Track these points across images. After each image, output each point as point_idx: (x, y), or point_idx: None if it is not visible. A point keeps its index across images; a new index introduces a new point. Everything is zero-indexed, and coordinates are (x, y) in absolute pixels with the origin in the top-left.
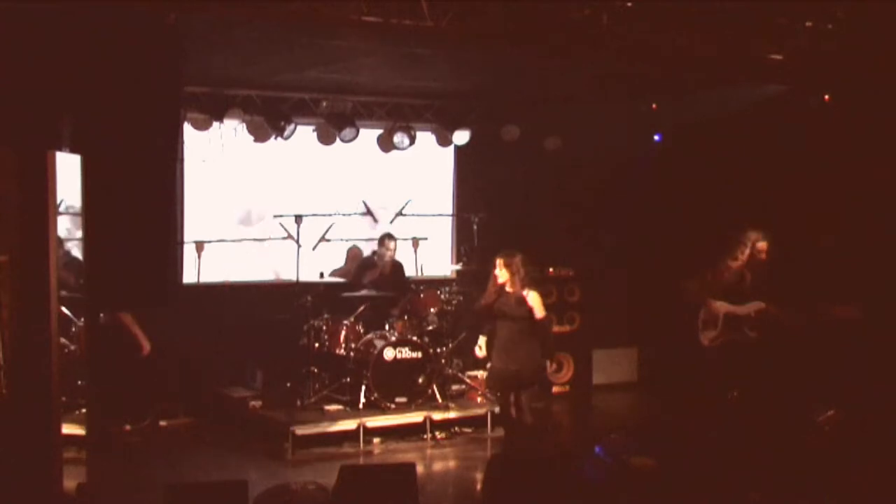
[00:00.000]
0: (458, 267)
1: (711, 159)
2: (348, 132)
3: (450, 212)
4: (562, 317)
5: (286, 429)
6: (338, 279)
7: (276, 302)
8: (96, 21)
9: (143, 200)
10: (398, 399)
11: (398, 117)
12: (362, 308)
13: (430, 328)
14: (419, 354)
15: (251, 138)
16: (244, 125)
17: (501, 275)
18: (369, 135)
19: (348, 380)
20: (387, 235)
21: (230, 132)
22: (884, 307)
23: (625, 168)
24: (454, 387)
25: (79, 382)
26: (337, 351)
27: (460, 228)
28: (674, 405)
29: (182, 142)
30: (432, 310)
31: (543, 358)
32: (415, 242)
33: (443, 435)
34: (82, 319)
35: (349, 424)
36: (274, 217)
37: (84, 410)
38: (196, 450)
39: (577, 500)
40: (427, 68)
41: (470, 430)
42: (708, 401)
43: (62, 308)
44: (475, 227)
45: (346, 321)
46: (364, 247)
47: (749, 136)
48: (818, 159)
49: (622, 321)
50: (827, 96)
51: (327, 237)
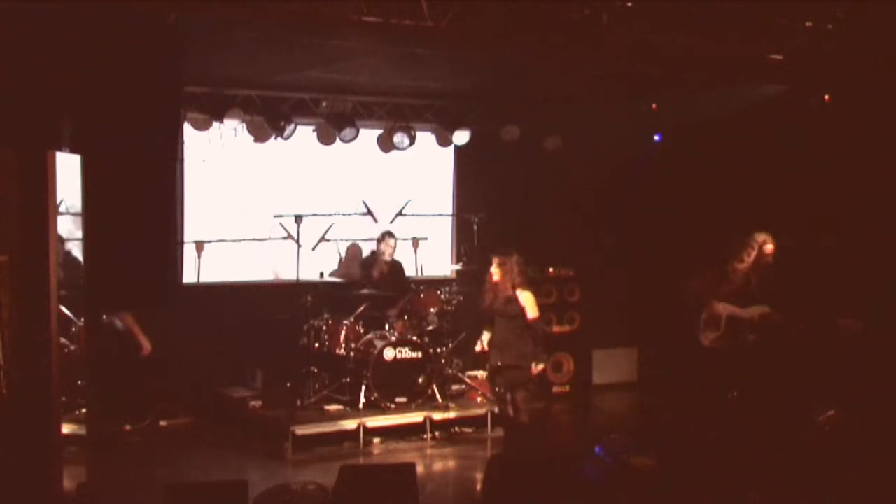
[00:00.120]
0: (458, 267)
1: (711, 159)
2: (348, 132)
3: (450, 212)
4: (562, 317)
5: (286, 429)
6: (338, 279)
7: (276, 302)
8: (96, 21)
9: (143, 200)
10: (398, 399)
11: (398, 117)
12: (362, 308)
13: (430, 328)
14: (419, 354)
15: (251, 138)
16: (244, 125)
17: (496, 273)
18: (369, 135)
19: (348, 380)
20: (386, 233)
21: (230, 132)
22: (884, 307)
23: (625, 168)
24: (454, 387)
25: (79, 382)
26: (337, 351)
27: (460, 228)
28: (674, 405)
29: (182, 142)
30: (432, 310)
31: (533, 359)
32: (415, 242)
33: (443, 435)
34: (82, 319)
35: (349, 424)
36: (274, 217)
37: (84, 410)
38: (196, 450)
39: (577, 500)
40: (427, 68)
41: (470, 430)
42: (708, 401)
43: (62, 308)
44: (475, 227)
45: (346, 321)
46: (363, 246)
47: (749, 137)
48: (818, 159)
49: (622, 321)
50: (827, 96)
51: (327, 237)
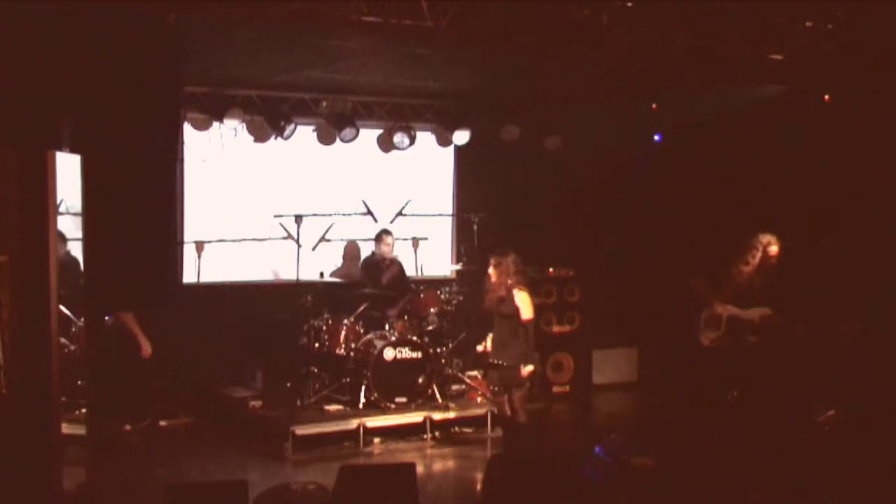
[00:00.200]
0: (459, 267)
1: (711, 159)
2: (348, 132)
3: (450, 212)
4: (562, 317)
5: (286, 429)
6: (338, 279)
7: (276, 302)
8: (96, 21)
9: (143, 200)
10: (398, 399)
11: (398, 117)
12: (362, 308)
13: (430, 328)
14: (419, 354)
15: (251, 138)
16: (244, 125)
17: (493, 274)
18: (369, 135)
19: (348, 380)
20: (383, 231)
21: (230, 132)
22: (884, 307)
23: (625, 168)
24: (454, 387)
25: (79, 382)
26: (337, 351)
27: (460, 228)
28: (674, 405)
29: (182, 142)
30: (432, 310)
31: (523, 360)
32: (415, 242)
33: (443, 435)
34: (82, 319)
35: (349, 424)
36: (274, 217)
37: (84, 410)
38: (196, 450)
39: (577, 500)
40: (427, 68)
41: (470, 430)
42: (708, 401)
43: (62, 308)
44: (475, 227)
45: (346, 321)
46: (361, 245)
47: (749, 137)
48: (818, 159)
49: (622, 321)
50: (827, 96)
51: (327, 237)
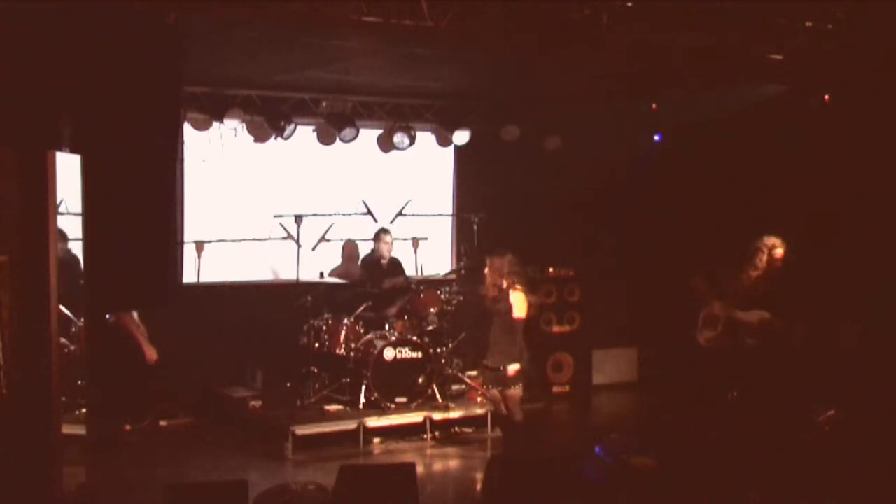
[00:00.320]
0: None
1: (711, 159)
2: (348, 132)
3: (450, 212)
4: (562, 317)
5: (286, 429)
6: (338, 279)
7: (276, 302)
8: (96, 21)
9: (143, 200)
10: (398, 399)
11: (398, 117)
12: (362, 308)
13: (430, 328)
14: (419, 354)
15: (251, 138)
16: (244, 125)
17: (487, 273)
18: (369, 135)
19: (348, 380)
20: (382, 230)
21: (230, 132)
22: (884, 307)
23: (625, 168)
24: (454, 387)
25: (79, 382)
26: (337, 351)
27: (460, 228)
28: (674, 405)
29: (182, 142)
30: (432, 310)
31: (510, 359)
32: (415, 242)
33: (443, 435)
34: (82, 319)
35: (349, 424)
36: (274, 217)
37: (84, 410)
38: (196, 450)
39: (577, 500)
40: (427, 68)
41: (470, 430)
42: (708, 401)
43: (62, 308)
44: (475, 227)
45: (346, 321)
46: (361, 245)
47: (749, 137)
48: (818, 159)
49: (622, 321)
50: (827, 96)
51: (327, 237)
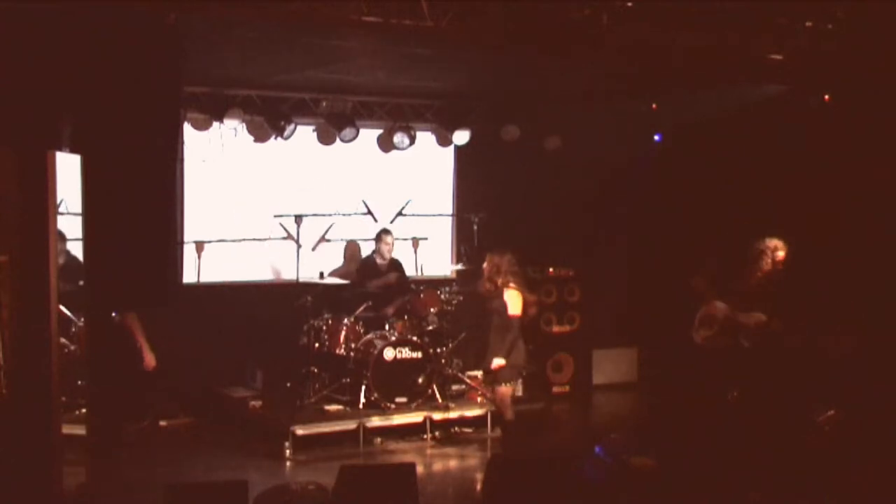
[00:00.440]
0: (459, 267)
1: (711, 159)
2: (348, 132)
3: (450, 212)
4: (562, 317)
5: (286, 429)
6: (338, 279)
7: (276, 302)
8: (96, 21)
9: (143, 200)
10: (398, 399)
11: (398, 117)
12: (362, 308)
13: (430, 328)
14: (419, 354)
15: (251, 138)
16: (244, 125)
17: (484, 270)
18: (369, 135)
19: (348, 380)
20: (383, 231)
21: (230, 132)
22: (884, 307)
23: (625, 168)
24: (454, 387)
25: (79, 382)
26: (337, 351)
27: (460, 228)
28: (674, 405)
29: (182, 142)
30: (432, 310)
31: (497, 353)
32: (415, 242)
33: (443, 435)
34: (82, 319)
35: (349, 424)
36: (274, 217)
37: (84, 410)
38: (196, 450)
39: (577, 500)
40: (427, 68)
41: (470, 430)
42: (708, 401)
43: (62, 308)
44: (475, 227)
45: (346, 321)
46: (362, 245)
47: (749, 137)
48: (818, 159)
49: (622, 321)
50: (827, 96)
51: (327, 237)
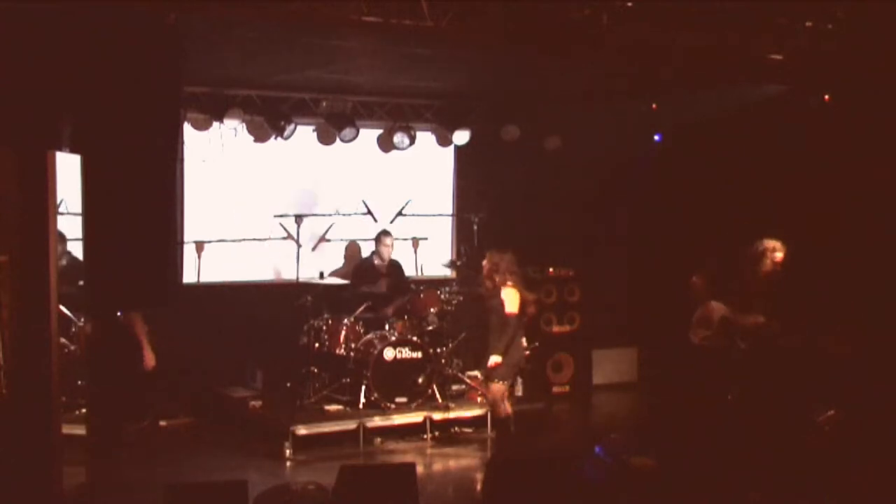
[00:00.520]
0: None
1: (711, 159)
2: (348, 132)
3: (450, 212)
4: (562, 317)
5: (286, 429)
6: (338, 279)
7: (276, 302)
8: (96, 21)
9: (143, 200)
10: (398, 399)
11: (398, 117)
12: (362, 308)
13: (430, 328)
14: (419, 354)
15: (251, 138)
16: (244, 125)
17: (483, 268)
18: (369, 135)
19: (348, 380)
20: (383, 232)
21: (230, 132)
22: (884, 308)
23: (625, 168)
24: (454, 387)
25: (79, 382)
26: (337, 351)
27: (460, 228)
28: (674, 405)
29: (182, 142)
30: (432, 310)
31: (494, 351)
32: (415, 242)
33: (443, 435)
34: (82, 319)
35: (349, 424)
36: (274, 217)
37: (84, 410)
38: (196, 450)
39: (577, 500)
40: (427, 68)
41: (470, 430)
42: (708, 401)
43: (62, 308)
44: (475, 227)
45: (346, 321)
46: (362, 245)
47: (749, 137)
48: (818, 159)
49: (622, 321)
50: (827, 96)
51: (327, 237)
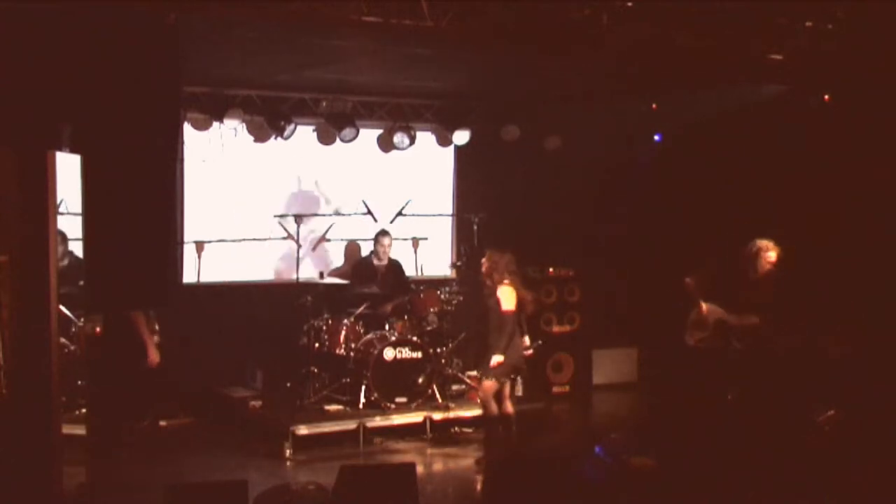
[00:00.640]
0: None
1: (711, 159)
2: (348, 132)
3: (450, 212)
4: (562, 317)
5: (286, 429)
6: (338, 280)
7: (276, 302)
8: (96, 21)
9: (143, 200)
10: (398, 399)
11: (398, 117)
12: (362, 308)
13: (430, 328)
14: (419, 354)
15: (251, 138)
16: (244, 125)
17: (484, 264)
18: (369, 135)
19: (348, 380)
20: (381, 232)
21: (230, 132)
22: (883, 308)
23: (625, 168)
24: (454, 387)
25: (79, 382)
26: (337, 351)
27: (460, 228)
28: (674, 405)
29: (182, 142)
30: (432, 310)
31: (495, 350)
32: (415, 242)
33: (443, 435)
34: (82, 319)
35: (349, 424)
36: (274, 217)
37: (84, 410)
38: (196, 450)
39: (577, 500)
40: (427, 68)
41: (470, 430)
42: (708, 401)
43: (62, 308)
44: (475, 227)
45: (346, 321)
46: (362, 245)
47: (749, 137)
48: (818, 159)
49: (622, 321)
50: (827, 96)
51: (327, 237)
